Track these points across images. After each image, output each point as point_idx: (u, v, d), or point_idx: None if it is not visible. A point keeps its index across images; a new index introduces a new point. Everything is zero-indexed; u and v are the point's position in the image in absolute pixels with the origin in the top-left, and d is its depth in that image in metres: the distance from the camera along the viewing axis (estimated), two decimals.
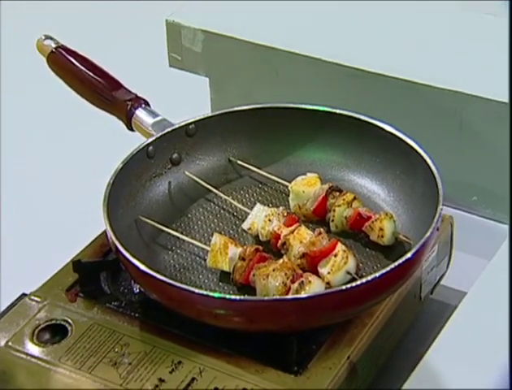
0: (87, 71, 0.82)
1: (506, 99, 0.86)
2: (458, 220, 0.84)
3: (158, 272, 0.66)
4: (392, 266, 0.65)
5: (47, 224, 0.91)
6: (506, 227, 0.85)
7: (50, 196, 0.95)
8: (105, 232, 0.73)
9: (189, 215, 0.77)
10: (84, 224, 0.78)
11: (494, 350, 0.68)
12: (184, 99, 1.02)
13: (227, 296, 0.64)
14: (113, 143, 0.83)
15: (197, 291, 0.64)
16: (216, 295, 0.64)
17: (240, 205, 0.76)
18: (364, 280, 0.64)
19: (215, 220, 0.76)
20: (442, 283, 0.83)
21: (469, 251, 0.86)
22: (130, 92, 0.81)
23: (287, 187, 0.78)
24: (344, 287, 0.64)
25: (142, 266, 0.65)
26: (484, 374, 0.68)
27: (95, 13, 1.26)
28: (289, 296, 0.65)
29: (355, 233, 0.74)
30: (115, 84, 0.81)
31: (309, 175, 0.77)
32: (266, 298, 0.66)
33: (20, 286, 0.74)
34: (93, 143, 1.01)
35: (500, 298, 0.72)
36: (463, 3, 0.99)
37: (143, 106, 0.80)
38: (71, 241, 0.76)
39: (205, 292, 0.64)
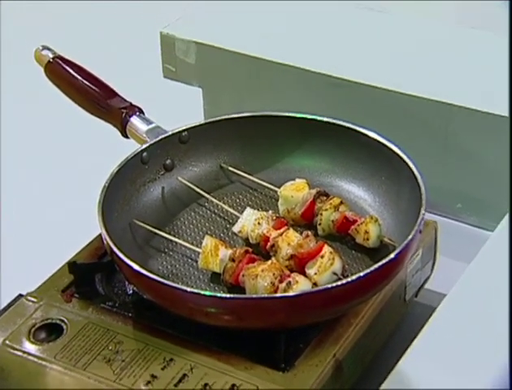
0: (83, 80, 0.85)
1: (490, 110, 0.89)
2: (443, 227, 0.87)
3: (151, 273, 0.69)
4: (376, 266, 0.68)
5: (43, 227, 0.93)
6: (489, 233, 0.88)
7: (47, 200, 0.97)
8: (100, 236, 0.76)
9: (182, 219, 0.79)
10: (80, 228, 0.80)
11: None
12: (177, 110, 1.05)
13: (218, 295, 0.67)
14: (108, 150, 0.85)
15: (188, 289, 0.66)
16: (207, 293, 0.67)
17: (230, 210, 0.79)
18: (349, 279, 0.67)
19: (207, 224, 0.79)
20: (427, 287, 0.86)
21: (453, 256, 0.88)
22: (125, 100, 0.83)
23: (276, 192, 0.80)
24: (329, 285, 0.67)
25: (136, 266, 0.68)
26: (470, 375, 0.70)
27: (92, 24, 1.29)
28: (277, 295, 0.67)
29: (342, 236, 0.77)
30: (111, 93, 0.84)
31: (297, 180, 0.80)
32: (255, 296, 0.68)
33: (17, 287, 0.76)
34: (88, 149, 1.04)
35: (482, 298, 0.75)
36: (460, 14, 1.02)
37: (137, 113, 0.82)
38: (67, 244, 0.79)
39: (196, 291, 0.67)
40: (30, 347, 0.70)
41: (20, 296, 0.75)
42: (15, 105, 1.12)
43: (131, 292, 0.75)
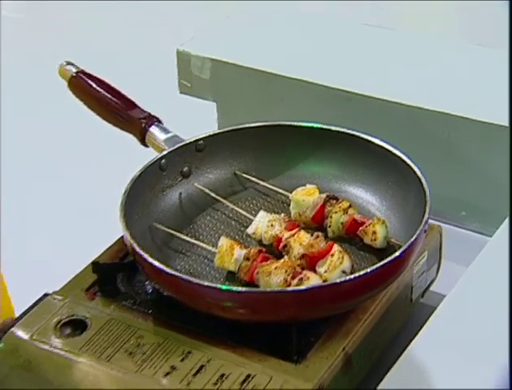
0: (104, 92, 0.89)
1: (493, 120, 0.93)
2: (448, 233, 0.91)
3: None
4: (382, 263, 0.72)
5: (66, 231, 0.98)
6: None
7: (71, 205, 1.02)
8: (121, 238, 0.80)
9: (198, 223, 0.84)
10: (102, 232, 0.84)
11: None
12: (193, 123, 1.09)
13: (233, 288, 0.71)
14: (128, 158, 0.89)
15: (206, 284, 0.71)
16: (223, 287, 0.71)
17: (245, 213, 0.83)
18: (357, 275, 0.71)
19: (222, 227, 0.83)
20: (434, 290, 0.90)
21: (458, 261, 0.92)
22: (144, 111, 0.88)
23: (288, 197, 0.84)
24: (338, 280, 0.71)
25: (157, 263, 0.72)
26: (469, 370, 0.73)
27: (113, 42, 1.35)
28: (289, 288, 0.72)
29: (350, 238, 0.81)
30: (130, 105, 0.89)
31: (308, 186, 0.84)
32: (268, 290, 0.72)
33: (43, 287, 0.80)
34: (110, 158, 1.09)
35: (480, 299, 0.79)
36: (462, 30, 1.07)
37: (156, 123, 0.87)
38: (89, 247, 0.83)
39: (213, 285, 0.71)
40: (56, 341, 0.74)
41: (46, 295, 0.79)
42: (42, 114, 1.18)
43: (150, 290, 0.79)
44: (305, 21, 1.10)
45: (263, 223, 0.80)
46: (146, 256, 0.73)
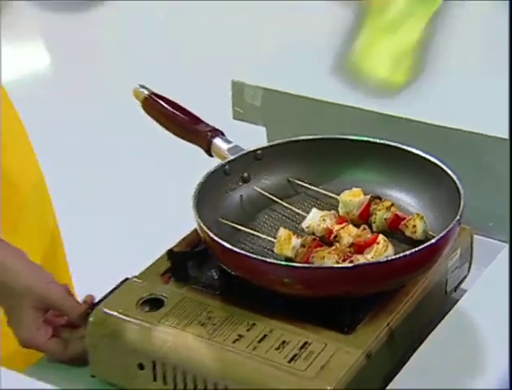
0: (174, 110, 1.02)
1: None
2: (477, 242, 1.01)
3: None
4: (420, 247, 0.84)
5: (143, 226, 1.10)
6: None
7: (148, 205, 1.14)
8: (192, 232, 0.92)
9: (258, 220, 0.95)
10: (174, 227, 0.96)
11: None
12: (245, 146, 1.22)
13: (291, 264, 0.83)
14: (197, 168, 1.01)
15: (268, 260, 0.82)
16: (283, 263, 0.82)
17: (299, 211, 0.94)
18: (397, 256, 0.83)
19: (279, 223, 0.94)
20: (465, 287, 1.00)
21: (484, 264, 1.03)
22: (208, 125, 1.00)
23: (336, 199, 0.95)
24: (382, 260, 0.82)
25: (226, 244, 0.84)
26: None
27: (172, 73, 1.48)
28: (337, 265, 0.83)
29: (393, 232, 0.91)
30: (196, 120, 1.01)
31: (354, 189, 0.95)
32: (321, 266, 0.83)
33: (123, 274, 0.92)
34: (182, 167, 1.21)
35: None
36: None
37: (220, 135, 0.99)
38: (163, 240, 0.94)
39: (274, 261, 0.83)
40: (138, 314, 0.85)
41: (126, 279, 0.90)
42: (127, 129, 1.31)
43: (217, 276, 0.90)
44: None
45: (316, 218, 0.91)
46: (217, 238, 0.84)
